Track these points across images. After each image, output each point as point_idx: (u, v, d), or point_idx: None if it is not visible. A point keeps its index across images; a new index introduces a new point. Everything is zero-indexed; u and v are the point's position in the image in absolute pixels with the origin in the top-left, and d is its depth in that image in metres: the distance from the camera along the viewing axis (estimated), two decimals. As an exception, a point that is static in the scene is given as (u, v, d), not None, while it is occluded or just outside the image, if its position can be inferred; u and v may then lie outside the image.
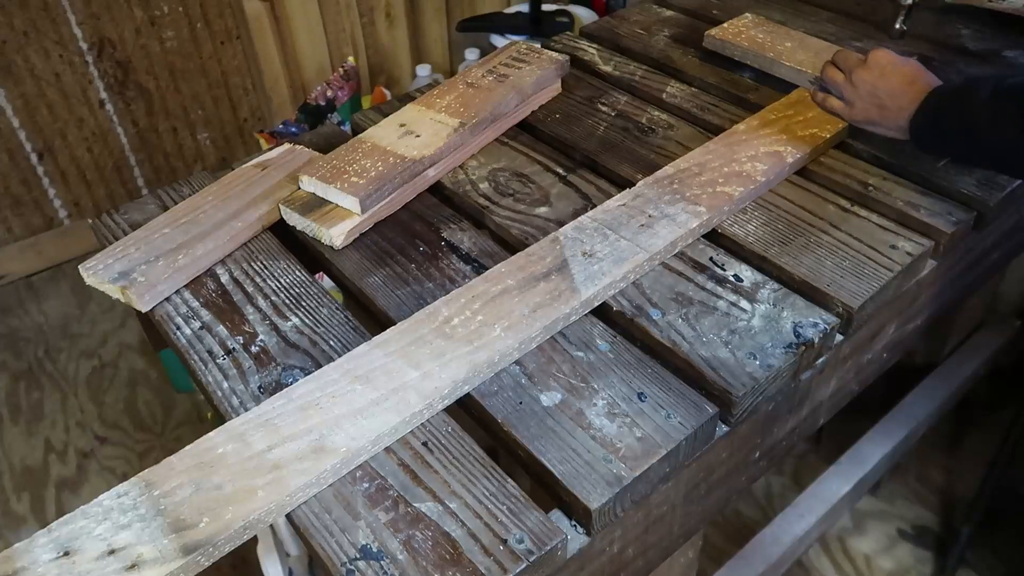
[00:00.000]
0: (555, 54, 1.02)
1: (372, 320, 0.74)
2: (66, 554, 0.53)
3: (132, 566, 0.52)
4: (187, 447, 0.59)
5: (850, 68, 0.85)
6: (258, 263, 0.79)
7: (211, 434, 0.60)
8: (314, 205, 0.81)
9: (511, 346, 0.65)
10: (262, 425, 0.60)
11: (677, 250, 0.76)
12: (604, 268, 0.72)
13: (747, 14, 1.10)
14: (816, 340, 0.67)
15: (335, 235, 0.78)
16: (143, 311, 0.74)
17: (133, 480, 0.57)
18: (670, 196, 0.80)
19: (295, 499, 0.56)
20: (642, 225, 0.77)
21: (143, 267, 0.76)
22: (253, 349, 0.69)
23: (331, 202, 0.81)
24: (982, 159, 0.78)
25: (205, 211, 0.82)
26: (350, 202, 0.79)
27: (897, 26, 1.06)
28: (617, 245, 0.74)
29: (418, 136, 0.87)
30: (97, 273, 0.75)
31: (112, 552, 0.53)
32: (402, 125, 0.89)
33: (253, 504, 0.55)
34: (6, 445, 1.61)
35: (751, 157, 0.84)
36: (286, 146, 0.92)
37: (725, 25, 1.07)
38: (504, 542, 0.54)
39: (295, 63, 2.03)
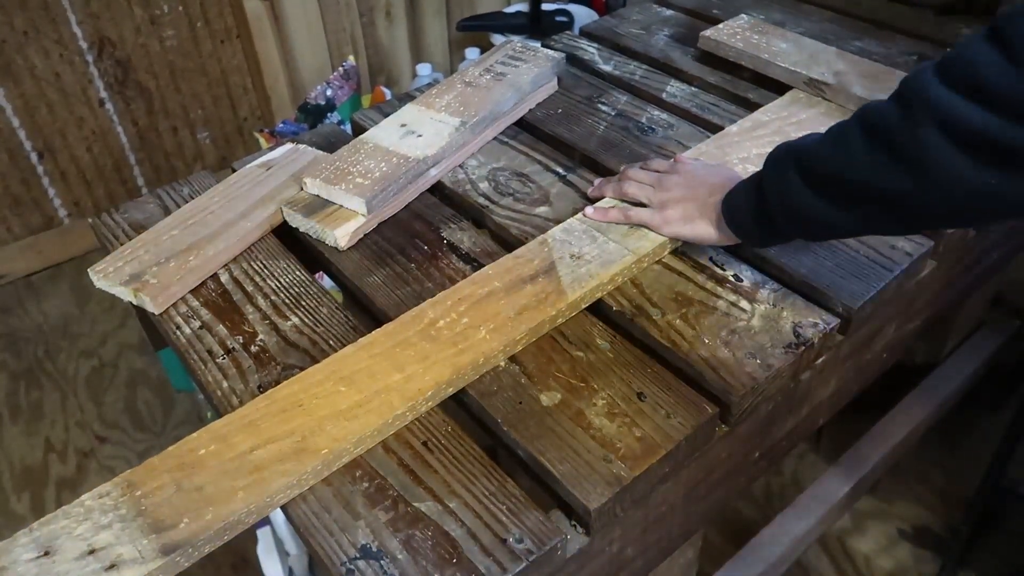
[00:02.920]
0: (551, 51, 1.02)
1: (372, 320, 0.74)
2: (46, 554, 0.53)
3: (111, 566, 0.52)
4: (170, 448, 0.59)
5: (656, 176, 0.77)
6: (258, 263, 0.79)
7: (194, 435, 0.60)
8: (317, 207, 0.81)
9: (495, 348, 0.65)
10: (245, 426, 0.60)
11: (666, 252, 0.76)
12: (592, 270, 0.72)
13: (743, 15, 1.09)
14: (816, 340, 0.67)
15: (340, 236, 0.78)
16: (157, 313, 0.74)
17: (115, 480, 0.57)
18: None
19: (276, 500, 0.56)
20: (631, 227, 0.76)
21: (154, 269, 0.75)
22: (253, 348, 0.69)
23: (334, 203, 0.81)
24: (833, 211, 0.60)
25: (213, 212, 0.82)
26: (356, 203, 0.79)
27: None
28: (605, 247, 0.74)
29: (420, 136, 0.87)
30: (108, 276, 0.75)
31: (92, 552, 0.53)
32: (403, 125, 0.89)
33: (233, 505, 0.55)
34: (6, 445, 1.61)
35: (743, 159, 0.84)
36: (289, 145, 0.92)
37: (720, 26, 1.07)
38: (504, 542, 0.54)
39: (295, 62, 2.03)
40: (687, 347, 0.66)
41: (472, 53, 2.21)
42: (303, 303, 0.74)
